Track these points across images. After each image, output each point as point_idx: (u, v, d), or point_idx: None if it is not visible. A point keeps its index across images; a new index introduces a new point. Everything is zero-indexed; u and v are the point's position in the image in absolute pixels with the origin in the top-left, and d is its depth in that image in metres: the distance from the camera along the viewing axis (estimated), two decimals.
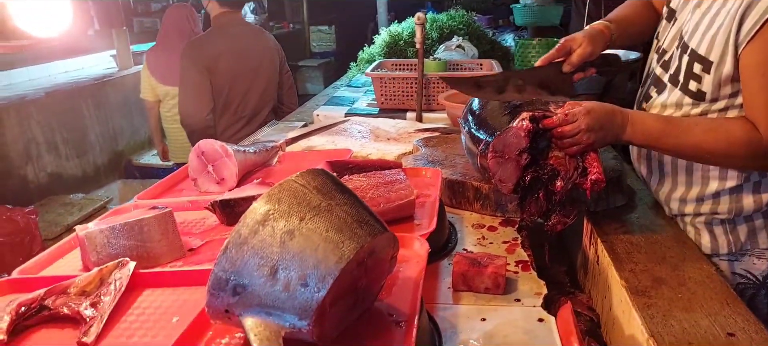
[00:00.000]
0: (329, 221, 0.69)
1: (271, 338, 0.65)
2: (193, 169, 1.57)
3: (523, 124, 1.11)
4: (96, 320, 0.88)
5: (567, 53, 1.28)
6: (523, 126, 1.11)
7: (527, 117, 1.11)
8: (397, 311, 0.79)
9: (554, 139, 1.12)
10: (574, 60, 1.27)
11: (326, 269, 0.65)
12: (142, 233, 1.09)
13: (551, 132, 1.11)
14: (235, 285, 0.67)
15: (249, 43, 2.36)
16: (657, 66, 1.27)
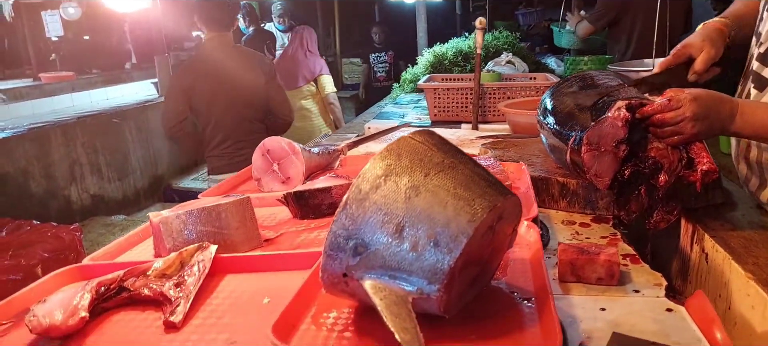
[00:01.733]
0: (455, 178, 0.62)
1: (399, 303, 0.58)
2: (257, 168, 1.53)
3: (620, 113, 1.03)
4: (182, 299, 0.82)
5: (685, 60, 1.21)
6: (619, 115, 1.03)
7: (624, 106, 1.03)
8: (520, 290, 0.71)
9: (653, 128, 1.04)
10: (699, 68, 1.19)
11: (458, 228, 0.59)
12: (220, 219, 1.04)
13: (649, 122, 1.03)
14: (357, 244, 0.60)
15: (230, 64, 2.53)
16: (755, 62, 1.19)
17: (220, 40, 2.58)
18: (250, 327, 0.75)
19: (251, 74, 2.57)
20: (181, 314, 0.79)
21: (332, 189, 1.20)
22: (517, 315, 0.66)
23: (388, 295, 0.59)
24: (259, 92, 2.57)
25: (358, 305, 0.70)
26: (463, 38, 3.69)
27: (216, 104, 2.52)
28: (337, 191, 1.20)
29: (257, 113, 2.60)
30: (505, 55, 2.92)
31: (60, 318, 0.77)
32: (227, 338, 0.73)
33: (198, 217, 1.03)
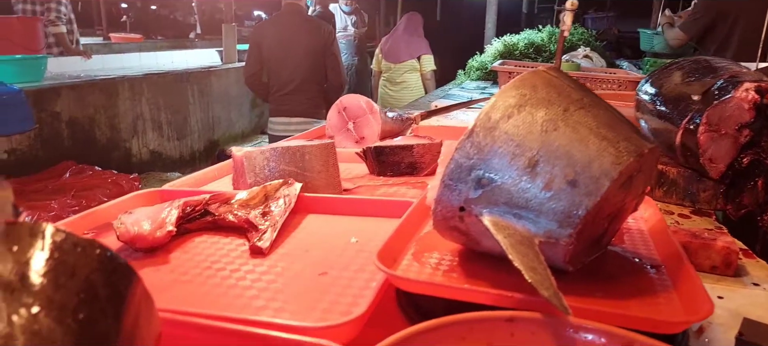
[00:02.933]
0: (597, 117, 0.56)
1: (525, 243, 0.52)
2: (331, 125, 1.50)
3: (749, 94, 0.94)
4: (269, 228, 0.79)
5: None
6: (747, 96, 0.94)
7: (753, 87, 0.94)
8: (643, 257, 0.65)
9: None
10: None
11: (600, 170, 0.52)
12: (304, 160, 1.01)
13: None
14: (481, 176, 0.55)
15: (294, 29, 2.98)
16: None
17: (294, 8, 3.02)
18: (338, 261, 0.71)
19: (311, 38, 2.97)
20: (268, 241, 0.76)
21: (414, 147, 1.15)
22: (646, 280, 0.59)
23: (512, 233, 0.53)
24: (316, 54, 2.98)
25: (462, 249, 0.65)
26: (535, 31, 3.58)
27: (279, 59, 2.99)
28: (419, 149, 1.15)
29: (313, 74, 3.01)
30: (582, 49, 2.80)
31: (148, 228, 0.75)
32: (315, 269, 0.70)
33: (282, 155, 1.00)
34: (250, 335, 0.49)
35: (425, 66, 4.11)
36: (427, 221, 0.77)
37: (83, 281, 0.32)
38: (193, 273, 0.70)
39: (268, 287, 0.65)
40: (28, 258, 0.31)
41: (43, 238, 0.33)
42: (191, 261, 0.73)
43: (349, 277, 0.67)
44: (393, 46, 4.25)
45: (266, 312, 0.59)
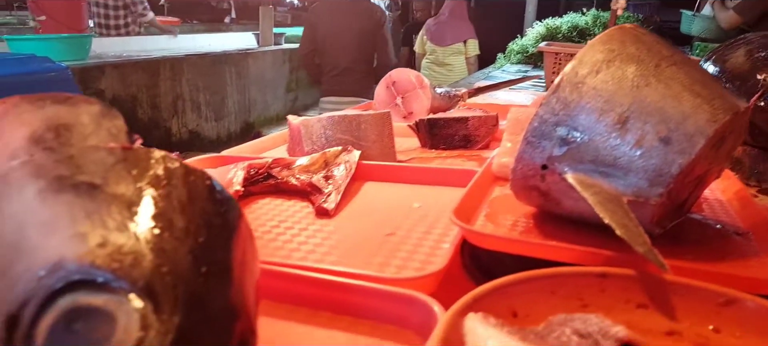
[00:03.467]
0: (690, 74, 0.54)
1: (614, 201, 0.51)
2: (379, 100, 1.49)
3: None
4: (333, 190, 0.79)
5: None
6: None
7: None
8: (724, 222, 0.62)
9: None
10: None
11: (695, 127, 0.50)
12: (359, 129, 1.00)
13: None
14: (567, 133, 0.53)
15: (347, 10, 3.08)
16: None
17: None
18: (403, 224, 0.71)
19: (363, 20, 3.07)
20: (333, 202, 0.76)
21: (469, 120, 1.13)
22: (733, 245, 0.57)
23: (599, 192, 0.52)
24: (367, 36, 3.09)
25: (536, 212, 0.64)
26: (579, 14, 3.50)
27: (332, 40, 3.09)
28: (474, 122, 1.13)
29: (364, 54, 3.12)
30: None
31: None
32: (381, 229, 0.69)
33: (338, 124, 1.00)
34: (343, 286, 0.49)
35: (470, 50, 4.18)
36: (493, 189, 0.76)
37: (199, 208, 0.32)
38: (263, 230, 0.70)
39: (338, 245, 0.65)
40: (147, 181, 0.32)
41: (158, 163, 0.33)
42: (259, 219, 0.74)
43: (417, 238, 0.67)
44: (439, 30, 4.31)
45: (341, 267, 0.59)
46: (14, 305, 0.26)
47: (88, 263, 0.26)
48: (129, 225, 0.29)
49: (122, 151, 0.33)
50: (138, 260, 0.27)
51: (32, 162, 0.31)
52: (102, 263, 0.26)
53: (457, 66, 4.20)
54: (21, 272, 0.26)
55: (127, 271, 0.27)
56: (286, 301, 0.50)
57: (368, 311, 0.48)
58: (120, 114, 0.36)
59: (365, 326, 0.47)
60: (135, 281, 0.26)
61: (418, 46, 4.52)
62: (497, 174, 0.78)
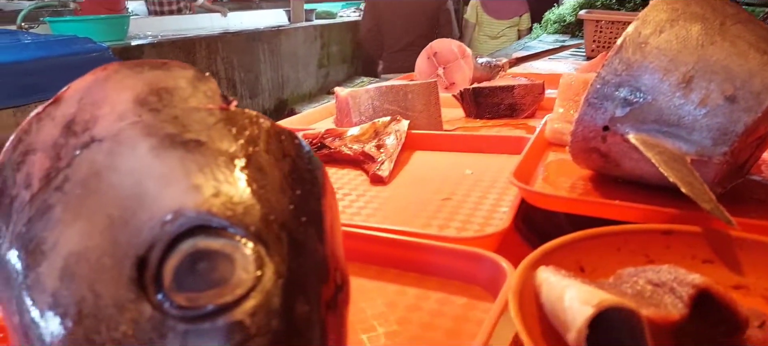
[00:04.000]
0: (755, 32, 0.53)
1: (678, 160, 0.51)
2: (421, 71, 1.50)
3: None
4: (386, 158, 0.81)
5: None
6: None
7: None
8: None
9: None
10: None
11: (762, 84, 0.50)
12: (406, 99, 1.02)
13: None
14: (629, 94, 0.54)
15: None
16: None
17: None
18: (458, 189, 0.72)
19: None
20: (387, 169, 0.78)
21: (515, 88, 1.13)
22: None
23: (662, 151, 0.52)
24: (429, 12, 3.12)
25: (593, 175, 0.65)
26: None
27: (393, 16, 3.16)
28: (520, 91, 1.13)
29: (427, 30, 3.09)
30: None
31: None
32: (437, 195, 0.71)
33: (385, 94, 1.02)
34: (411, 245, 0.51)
35: (524, 23, 4.31)
36: (547, 154, 0.77)
37: (291, 163, 0.34)
38: None
39: (396, 210, 0.68)
40: (245, 139, 0.34)
41: (252, 123, 0.35)
42: None
43: (473, 202, 0.68)
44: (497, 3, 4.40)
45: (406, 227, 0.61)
46: (142, 248, 0.28)
47: (205, 211, 0.29)
48: (236, 178, 0.31)
49: (220, 111, 0.35)
50: (248, 208, 0.30)
51: (141, 122, 0.34)
52: (217, 211, 0.29)
53: (511, 38, 4.27)
54: (145, 220, 0.29)
55: (240, 218, 0.29)
56: (356, 259, 0.52)
57: (435, 267, 0.50)
58: (212, 78, 0.38)
59: (433, 282, 0.49)
60: (247, 227, 0.29)
61: (469, 15, 4.54)
62: (550, 140, 0.78)
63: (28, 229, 0.31)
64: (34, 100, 2.78)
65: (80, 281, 0.28)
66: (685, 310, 0.32)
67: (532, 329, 0.34)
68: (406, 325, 0.43)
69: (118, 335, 0.26)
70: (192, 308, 0.26)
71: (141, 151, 0.32)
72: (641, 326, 0.31)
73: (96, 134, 0.34)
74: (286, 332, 0.26)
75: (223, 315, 0.25)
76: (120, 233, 0.29)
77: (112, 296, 0.27)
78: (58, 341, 0.27)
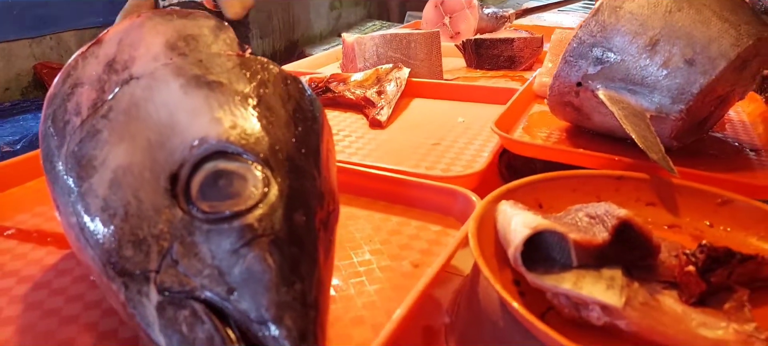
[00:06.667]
0: (722, 1, 0.59)
1: (638, 115, 0.58)
2: (427, 20, 1.54)
3: None
4: (385, 104, 0.88)
5: None
6: None
7: None
8: (741, 141, 0.68)
9: None
10: None
11: (719, 50, 0.56)
12: (409, 47, 1.07)
13: None
14: (601, 53, 0.60)
15: None
16: None
17: None
18: (449, 135, 0.79)
19: None
20: (385, 115, 0.85)
21: (514, 41, 1.18)
22: (745, 160, 0.63)
23: (625, 106, 0.59)
24: None
25: (569, 127, 0.71)
26: None
27: None
28: (519, 43, 1.18)
29: None
30: None
31: None
32: (429, 139, 0.78)
33: (389, 42, 1.07)
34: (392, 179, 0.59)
35: None
36: (532, 105, 0.83)
37: (295, 104, 0.42)
38: None
39: (391, 151, 0.75)
40: (257, 82, 0.41)
41: (264, 68, 0.42)
42: None
43: (460, 146, 0.75)
44: None
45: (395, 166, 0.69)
46: (175, 166, 0.36)
47: (225, 139, 0.36)
48: (249, 114, 0.38)
49: (237, 57, 0.42)
50: (259, 139, 0.37)
51: (173, 64, 0.41)
52: (234, 139, 0.36)
53: None
54: (177, 144, 0.36)
55: (252, 146, 0.36)
56: (349, 192, 0.60)
57: (417, 200, 0.57)
58: (231, 27, 0.45)
59: (415, 213, 0.57)
60: (257, 153, 0.36)
61: None
62: (538, 92, 0.85)
63: (80, 148, 0.39)
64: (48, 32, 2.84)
65: (126, 189, 0.35)
66: (607, 236, 0.40)
67: (485, 249, 0.42)
68: (387, 245, 0.51)
69: (156, 232, 0.34)
70: (213, 213, 0.33)
71: (173, 87, 0.39)
72: (569, 246, 0.39)
73: (134, 72, 0.41)
74: (285, 235, 0.34)
75: (237, 219, 0.33)
76: (157, 153, 0.36)
77: (151, 201, 0.35)
78: (109, 235, 0.35)
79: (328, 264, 0.37)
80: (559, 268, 0.40)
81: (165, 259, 0.33)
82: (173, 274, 0.32)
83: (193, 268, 0.32)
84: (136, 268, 0.33)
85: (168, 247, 0.33)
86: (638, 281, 0.40)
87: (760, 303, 0.41)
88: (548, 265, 0.40)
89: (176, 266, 0.32)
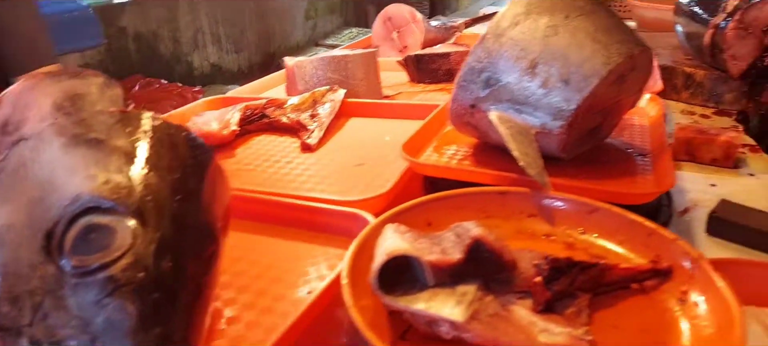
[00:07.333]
0: (596, 23, 0.63)
1: (523, 133, 0.62)
2: (377, 35, 1.58)
3: None
4: (317, 127, 0.92)
5: None
6: None
7: None
8: (636, 147, 0.73)
9: None
10: None
11: (591, 70, 0.61)
12: (347, 68, 1.11)
13: None
14: (489, 77, 0.64)
15: None
16: None
17: None
18: (374, 154, 0.83)
19: None
20: (316, 138, 0.89)
21: (451, 55, 1.22)
22: (631, 165, 0.68)
23: (512, 126, 0.63)
24: None
25: (477, 142, 0.75)
26: None
27: None
28: (456, 57, 1.23)
29: None
30: None
31: (216, 127, 0.89)
32: (354, 160, 0.82)
33: (328, 64, 1.11)
34: (298, 207, 0.62)
35: None
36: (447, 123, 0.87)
37: (175, 153, 0.45)
38: (255, 164, 0.84)
39: (315, 174, 0.79)
40: (138, 136, 0.45)
41: (146, 122, 0.46)
42: (253, 155, 0.88)
43: (382, 166, 0.79)
44: None
45: (313, 193, 0.72)
46: (50, 223, 0.39)
47: (98, 195, 0.40)
48: (125, 168, 0.42)
49: (120, 113, 0.46)
50: (130, 192, 0.41)
51: (57, 124, 0.44)
52: (107, 195, 0.40)
53: None
54: (54, 201, 0.40)
55: (123, 200, 0.40)
56: (264, 220, 0.64)
57: (323, 226, 0.61)
58: (118, 84, 0.49)
59: (322, 238, 0.61)
60: (128, 206, 0.40)
61: None
62: None
63: None
64: None
65: (8, 247, 0.39)
66: (461, 255, 0.44)
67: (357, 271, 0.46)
68: (288, 273, 0.55)
69: (30, 288, 0.37)
70: (82, 267, 0.37)
71: (55, 147, 0.43)
72: (424, 267, 0.43)
73: (24, 133, 0.45)
74: (149, 282, 0.37)
75: (102, 271, 0.37)
76: (36, 211, 0.40)
77: (29, 258, 0.38)
78: None
79: (201, 303, 0.41)
80: (418, 288, 0.44)
81: (37, 313, 0.36)
82: (44, 327, 0.36)
83: (61, 320, 0.36)
84: (12, 323, 0.36)
85: (40, 301, 0.36)
86: (494, 293, 0.45)
87: (603, 305, 0.45)
88: (410, 285, 0.44)
89: (46, 319, 0.36)
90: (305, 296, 0.51)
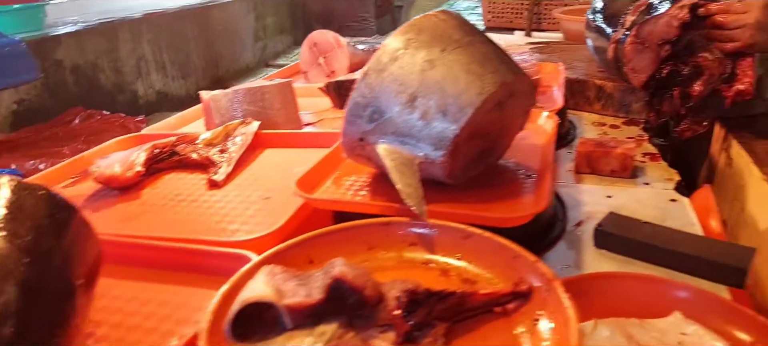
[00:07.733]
0: (471, 55, 0.66)
1: (407, 164, 0.64)
2: (304, 61, 1.59)
3: (681, 13, 1.00)
4: (225, 163, 0.92)
5: None
6: (679, 14, 1.00)
7: (688, 5, 0.99)
8: (526, 167, 0.76)
9: (709, 29, 1.00)
10: None
11: (467, 100, 0.63)
12: (264, 99, 1.12)
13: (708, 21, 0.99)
14: (373, 111, 0.66)
15: None
16: None
17: None
18: (281, 187, 0.84)
19: None
20: (223, 174, 0.89)
21: None
22: (517, 187, 0.71)
23: (397, 157, 0.65)
24: None
25: (375, 172, 0.77)
26: None
27: None
28: None
29: None
30: None
31: (119, 170, 0.88)
32: (261, 194, 0.83)
33: (244, 96, 1.12)
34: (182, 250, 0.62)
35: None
36: None
37: (29, 214, 0.45)
38: (160, 205, 0.83)
39: (218, 212, 0.79)
40: None
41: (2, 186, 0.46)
42: (159, 195, 0.87)
43: (286, 199, 0.80)
44: None
45: (212, 232, 0.72)
46: None
47: None
48: None
49: None
50: None
51: None
52: None
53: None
54: None
55: None
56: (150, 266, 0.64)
57: (212, 268, 0.61)
58: None
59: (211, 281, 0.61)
60: None
61: None
62: None
63: None
64: None
65: None
66: (320, 296, 0.45)
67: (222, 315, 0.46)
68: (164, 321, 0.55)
69: None
70: None
71: None
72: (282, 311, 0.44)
73: None
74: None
75: None
76: None
77: None
78: None
79: None
80: (277, 331, 0.44)
81: None
82: None
83: None
84: None
85: None
86: (356, 329, 0.46)
87: (463, 332, 0.47)
88: (270, 329, 0.45)
89: None
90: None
